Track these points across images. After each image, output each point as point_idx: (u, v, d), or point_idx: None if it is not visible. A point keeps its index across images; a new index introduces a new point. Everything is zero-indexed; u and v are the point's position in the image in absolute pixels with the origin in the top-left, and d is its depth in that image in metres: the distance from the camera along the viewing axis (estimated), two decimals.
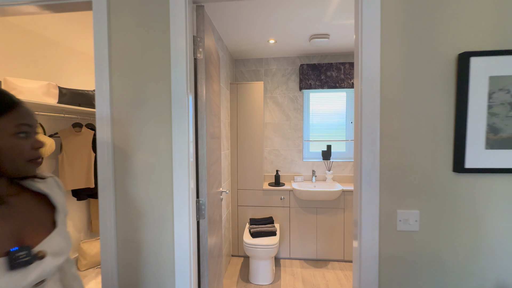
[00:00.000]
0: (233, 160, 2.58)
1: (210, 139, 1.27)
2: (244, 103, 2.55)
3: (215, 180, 1.46)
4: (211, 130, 1.30)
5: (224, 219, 2.29)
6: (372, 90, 0.90)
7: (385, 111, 0.90)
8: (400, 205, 0.90)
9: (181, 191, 0.97)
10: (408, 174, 0.90)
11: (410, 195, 0.90)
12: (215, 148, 1.43)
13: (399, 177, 0.90)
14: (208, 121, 1.19)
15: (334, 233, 2.48)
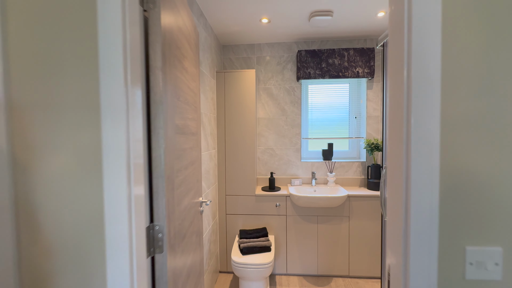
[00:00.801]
0: (220, 161, 2.22)
1: (178, 135, 0.90)
2: (233, 95, 2.18)
3: (190, 189, 1.10)
4: (180, 122, 0.93)
5: (208, 231, 1.93)
6: (428, 49, 0.55)
7: (449, 86, 0.55)
8: (471, 238, 0.56)
9: (115, 214, 0.60)
10: (485, 187, 0.55)
11: (489, 223, 0.55)
12: (188, 147, 1.06)
13: (470, 193, 0.55)
14: (172, 109, 0.83)
15: (337, 245, 2.15)
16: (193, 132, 1.18)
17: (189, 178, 1.09)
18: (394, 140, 0.63)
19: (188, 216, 1.05)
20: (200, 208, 1.34)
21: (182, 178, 0.95)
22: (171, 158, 0.81)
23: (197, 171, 1.28)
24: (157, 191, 0.72)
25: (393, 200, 0.63)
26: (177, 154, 0.89)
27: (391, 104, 0.65)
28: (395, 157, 0.62)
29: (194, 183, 1.21)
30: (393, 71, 0.64)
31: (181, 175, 0.94)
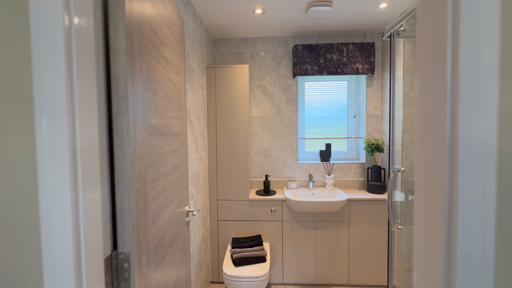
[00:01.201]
0: (211, 164, 2.06)
1: (154, 137, 0.75)
2: (225, 92, 2.02)
3: (172, 199, 0.94)
4: (157, 121, 0.77)
5: (198, 240, 1.77)
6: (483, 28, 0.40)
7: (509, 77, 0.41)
8: None
9: (57, 247, 0.44)
10: None
11: None
12: (169, 150, 0.90)
13: None
14: (144, 104, 0.67)
15: (337, 251, 2.02)
16: (176, 133, 1.02)
17: (171, 186, 0.94)
18: (427, 143, 0.49)
19: (169, 232, 0.89)
20: (186, 218, 1.19)
21: (160, 189, 0.79)
22: (143, 165, 0.65)
23: (183, 177, 1.12)
24: (122, 209, 0.56)
25: (427, 210, 0.49)
26: (153, 160, 0.73)
27: (421, 102, 0.51)
28: (430, 163, 0.48)
29: (179, 191, 1.06)
30: (426, 60, 0.49)
31: (158, 185, 0.78)
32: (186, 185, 1.19)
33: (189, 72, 1.61)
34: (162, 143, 0.82)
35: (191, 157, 1.63)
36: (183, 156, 1.15)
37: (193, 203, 1.65)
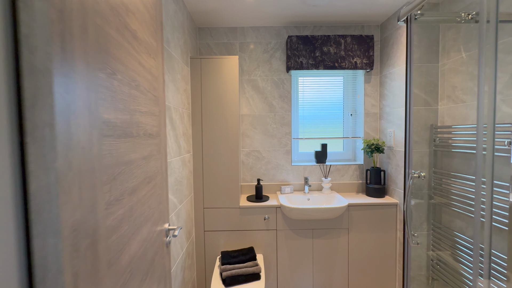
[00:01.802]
0: (196, 168, 1.82)
1: (112, 140, 0.52)
2: (211, 87, 1.79)
3: (144, 221, 0.71)
4: (117, 117, 0.54)
5: (182, 256, 1.53)
6: None
7: None
8: None
9: None
10: None
11: None
12: (139, 157, 0.67)
13: None
14: (88, 87, 0.44)
15: (335, 261, 1.86)
16: (151, 133, 0.79)
17: (144, 204, 0.70)
18: None
19: (141, 266, 0.66)
20: (166, 238, 0.96)
21: (123, 213, 0.56)
22: (90, 185, 0.42)
23: (160, 188, 0.89)
24: (44, 265, 0.33)
25: None
26: (109, 174, 0.50)
27: None
28: None
29: (155, 207, 0.83)
30: None
31: (120, 207, 0.55)
32: (165, 198, 0.95)
33: (170, 61, 1.37)
34: (127, 147, 0.59)
35: (173, 161, 1.39)
36: (161, 162, 0.91)
37: (175, 215, 1.41)
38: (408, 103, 1.11)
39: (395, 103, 1.85)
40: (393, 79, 1.87)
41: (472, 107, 1.48)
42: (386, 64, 1.98)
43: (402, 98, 1.76)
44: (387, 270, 1.86)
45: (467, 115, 1.52)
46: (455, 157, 1.59)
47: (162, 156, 0.94)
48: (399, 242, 1.83)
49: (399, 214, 1.82)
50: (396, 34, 1.83)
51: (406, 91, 1.21)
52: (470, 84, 1.49)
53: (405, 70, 1.25)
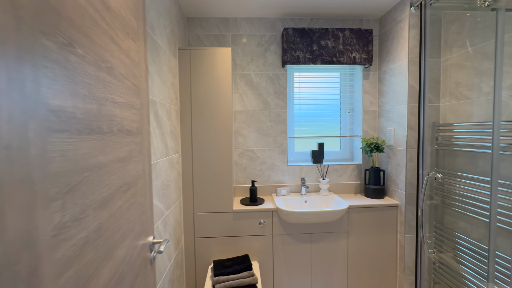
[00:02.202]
0: (185, 170, 1.67)
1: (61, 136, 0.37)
2: (202, 81, 1.64)
3: (120, 240, 0.57)
4: (76, 105, 0.40)
5: (170, 268, 1.38)
6: None
7: None
8: None
9: None
10: None
11: None
12: (112, 159, 0.53)
13: None
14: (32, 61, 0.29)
15: (335, 266, 1.76)
16: (129, 129, 0.64)
17: (119, 218, 0.56)
18: None
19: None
20: (150, 254, 0.81)
21: (85, 235, 0.42)
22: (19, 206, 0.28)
23: (142, 195, 0.75)
24: None
25: None
26: (62, 186, 0.36)
27: None
28: None
29: (136, 219, 0.68)
30: None
31: (80, 231, 0.41)
32: (148, 206, 0.81)
33: (155, 49, 1.21)
34: (92, 147, 0.45)
35: (159, 163, 1.24)
36: (144, 165, 0.77)
37: (162, 223, 1.26)
38: (422, 99, 1.02)
39: (395, 100, 1.77)
40: (393, 75, 1.79)
41: (478, 103, 1.41)
42: (385, 59, 1.90)
43: (403, 94, 1.68)
44: (387, 274, 1.78)
45: (472, 112, 1.46)
46: (459, 156, 1.53)
47: (145, 157, 0.79)
48: (399, 244, 1.75)
49: (399, 216, 1.75)
50: (396, 28, 1.75)
51: (420, 86, 1.12)
52: (476, 80, 1.43)
53: (419, 63, 1.15)
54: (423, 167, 0.93)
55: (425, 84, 1.09)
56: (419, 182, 0.93)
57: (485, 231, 1.37)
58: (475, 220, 1.42)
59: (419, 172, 0.94)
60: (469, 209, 1.40)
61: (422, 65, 1.11)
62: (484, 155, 1.35)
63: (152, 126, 1.14)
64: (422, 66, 1.11)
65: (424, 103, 0.98)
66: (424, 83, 1.09)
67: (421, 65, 1.11)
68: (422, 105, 0.98)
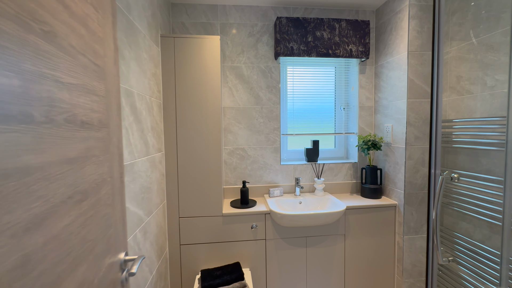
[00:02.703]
0: (170, 170, 1.51)
1: None
2: (187, 73, 1.49)
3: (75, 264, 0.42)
4: None
5: (152, 279, 1.23)
6: None
7: None
8: None
9: None
10: None
11: None
12: (62, 158, 0.38)
13: None
14: None
15: (331, 271, 1.66)
16: (86, 121, 0.50)
17: (66, 241, 0.42)
18: None
19: None
20: (121, 274, 0.66)
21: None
22: None
23: (109, 205, 0.60)
24: None
25: None
26: None
27: None
28: None
29: (98, 236, 0.54)
30: None
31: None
32: (119, 217, 0.66)
33: (132, 33, 1.05)
34: (10, 143, 0.30)
35: (137, 163, 1.08)
36: (112, 167, 0.62)
37: (141, 231, 1.10)
38: (436, 90, 0.91)
39: (394, 95, 1.68)
40: (391, 69, 1.71)
41: (482, 98, 1.34)
42: (382, 53, 1.81)
43: (402, 89, 1.60)
44: (385, 278, 1.70)
45: (475, 108, 1.39)
46: (460, 153, 1.46)
47: (114, 156, 0.64)
48: (398, 246, 1.68)
49: (398, 216, 1.67)
50: (395, 19, 1.66)
51: (433, 75, 1.02)
52: (480, 73, 1.36)
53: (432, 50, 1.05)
54: (435, 166, 0.83)
55: (439, 72, 0.99)
56: (431, 182, 0.83)
57: (488, 232, 1.30)
58: (477, 220, 1.36)
59: (431, 172, 0.84)
60: (472, 209, 1.33)
61: (435, 52, 1.01)
62: (488, 153, 1.28)
63: (127, 120, 0.99)
64: (435, 53, 1.01)
65: (438, 95, 0.88)
66: (438, 71, 0.99)
67: (434, 53, 1.01)
68: (435, 97, 0.88)
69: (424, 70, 1.56)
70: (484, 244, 1.30)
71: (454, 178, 0.88)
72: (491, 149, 1.26)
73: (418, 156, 1.60)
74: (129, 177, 1.00)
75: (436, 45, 0.99)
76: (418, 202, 1.62)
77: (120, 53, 0.93)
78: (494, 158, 1.25)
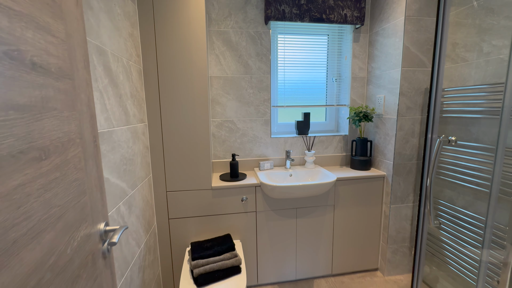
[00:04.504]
0: (154, 142, 1.42)
1: None
2: (169, 35, 1.35)
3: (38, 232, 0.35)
4: None
5: (140, 254, 1.20)
6: None
7: None
8: None
9: None
10: None
11: None
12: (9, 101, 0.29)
13: None
14: None
15: (320, 240, 1.70)
16: (39, 63, 0.41)
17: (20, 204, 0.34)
18: None
19: None
20: (102, 245, 0.61)
21: None
22: None
23: (80, 170, 0.53)
24: None
25: None
26: None
27: None
28: None
29: (64, 203, 0.47)
30: None
31: None
32: (95, 184, 0.59)
33: None
34: None
35: (116, 132, 0.99)
36: (81, 127, 0.54)
37: (125, 205, 1.04)
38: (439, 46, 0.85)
39: (388, 64, 1.63)
40: (386, 36, 1.63)
41: (477, 65, 1.31)
42: (378, 19, 1.72)
43: (396, 58, 1.54)
44: (371, 245, 1.77)
45: (468, 76, 1.36)
46: (450, 123, 1.46)
47: (84, 116, 0.56)
48: (384, 215, 1.73)
49: (386, 187, 1.70)
50: None
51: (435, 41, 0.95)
52: (477, 39, 1.31)
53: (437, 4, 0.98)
54: (432, 130, 0.81)
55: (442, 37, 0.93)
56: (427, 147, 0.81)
57: (471, 199, 1.35)
58: (461, 187, 1.40)
59: (428, 137, 0.81)
60: (458, 177, 1.36)
61: (441, 7, 0.94)
62: (478, 121, 1.28)
63: (101, 82, 0.88)
64: (441, 8, 0.94)
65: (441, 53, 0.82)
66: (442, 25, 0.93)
67: (439, 7, 0.94)
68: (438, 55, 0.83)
69: (420, 37, 1.50)
70: (468, 210, 1.34)
71: (452, 141, 0.87)
72: (482, 117, 1.26)
73: (409, 126, 1.59)
74: (108, 146, 0.91)
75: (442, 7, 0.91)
76: (406, 172, 1.64)
77: (86, 2, 0.80)
78: (484, 127, 1.26)
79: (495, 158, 0.92)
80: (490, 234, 0.94)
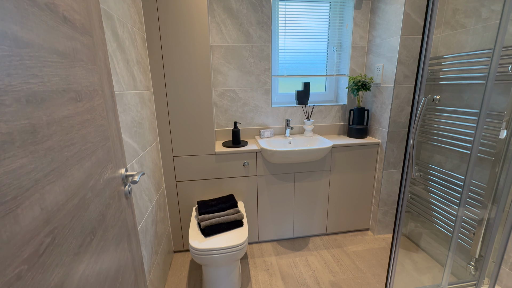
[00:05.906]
0: (160, 109, 1.50)
1: None
2: (170, 4, 1.36)
3: (79, 158, 0.45)
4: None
5: (152, 209, 1.33)
6: None
7: None
8: None
9: None
10: None
11: None
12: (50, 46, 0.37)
13: None
14: None
15: (316, 202, 1.84)
16: (67, 16, 0.47)
17: (68, 131, 0.44)
18: None
19: (74, 226, 0.43)
20: (123, 187, 0.72)
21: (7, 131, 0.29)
22: None
23: (103, 118, 0.61)
24: None
25: None
26: None
27: None
28: None
29: (96, 142, 0.56)
30: None
31: None
32: (115, 135, 0.68)
33: None
34: None
35: (126, 95, 1.06)
36: (101, 80, 0.61)
37: (137, 163, 1.15)
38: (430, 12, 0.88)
39: (388, 32, 1.63)
40: (388, 2, 1.62)
41: (474, 32, 1.33)
42: None
43: (397, 25, 1.55)
44: (363, 207, 1.91)
45: (465, 43, 1.39)
46: (445, 90, 1.51)
47: (102, 71, 0.63)
48: (377, 180, 1.85)
49: (380, 153, 1.79)
50: None
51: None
52: (476, 4, 1.32)
53: None
54: (420, 92, 0.87)
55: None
56: (414, 107, 0.88)
57: (458, 162, 1.44)
58: (450, 152, 1.49)
59: (415, 98, 0.88)
60: (447, 142, 1.44)
61: None
62: (471, 87, 1.33)
63: (110, 46, 0.93)
64: None
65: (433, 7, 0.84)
66: None
67: None
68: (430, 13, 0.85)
69: (422, 3, 1.50)
70: (454, 172, 1.45)
71: (436, 99, 0.94)
72: (474, 83, 1.31)
73: (405, 95, 1.64)
74: (120, 107, 0.99)
75: None
76: (399, 139, 1.72)
77: None
78: (475, 93, 1.31)
79: (478, 120, 0.99)
80: (467, 192, 1.04)
